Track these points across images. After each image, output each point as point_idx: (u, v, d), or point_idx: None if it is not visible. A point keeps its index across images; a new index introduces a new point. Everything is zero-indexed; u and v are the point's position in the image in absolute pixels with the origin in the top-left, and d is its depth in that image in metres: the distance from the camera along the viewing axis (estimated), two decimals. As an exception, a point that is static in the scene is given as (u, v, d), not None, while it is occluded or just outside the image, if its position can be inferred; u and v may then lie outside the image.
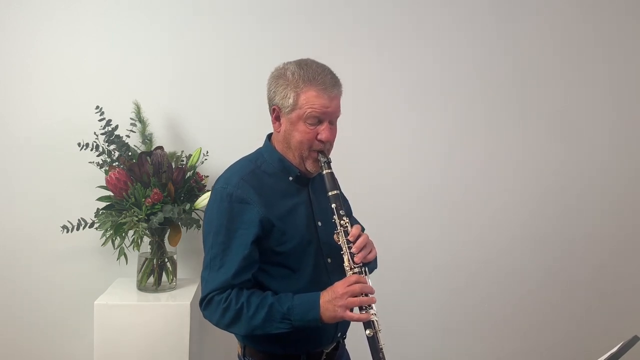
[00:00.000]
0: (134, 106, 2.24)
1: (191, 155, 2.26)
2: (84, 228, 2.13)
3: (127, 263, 2.15)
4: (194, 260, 2.42)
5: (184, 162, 2.25)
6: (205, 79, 2.38)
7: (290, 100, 1.45)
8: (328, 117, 1.46)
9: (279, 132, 1.52)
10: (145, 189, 2.08)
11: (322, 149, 1.48)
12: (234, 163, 1.61)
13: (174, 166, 2.19)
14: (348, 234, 1.45)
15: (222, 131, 2.39)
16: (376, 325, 1.41)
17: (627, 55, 2.67)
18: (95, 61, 2.31)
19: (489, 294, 2.65)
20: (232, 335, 1.56)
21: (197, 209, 2.19)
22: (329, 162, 1.49)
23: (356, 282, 1.40)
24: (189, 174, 2.23)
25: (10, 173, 2.29)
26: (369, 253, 1.47)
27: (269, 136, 1.61)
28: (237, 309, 1.40)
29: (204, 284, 1.47)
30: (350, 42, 2.46)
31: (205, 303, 1.45)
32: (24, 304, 2.34)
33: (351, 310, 1.39)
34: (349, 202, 1.75)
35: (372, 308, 1.41)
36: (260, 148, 1.62)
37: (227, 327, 1.45)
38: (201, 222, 2.23)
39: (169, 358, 2.07)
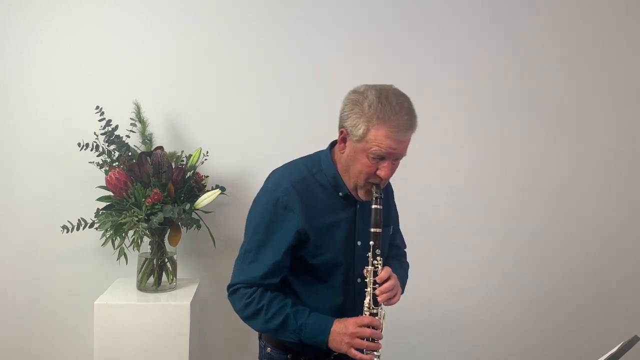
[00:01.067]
0: (134, 106, 2.24)
1: (191, 155, 2.26)
2: (84, 228, 2.13)
3: (127, 263, 2.14)
4: (194, 260, 2.42)
5: (184, 162, 2.25)
6: (205, 79, 2.39)
7: (360, 132, 1.42)
8: (392, 157, 1.45)
9: (342, 153, 1.51)
10: (145, 189, 2.08)
11: (378, 183, 1.48)
12: (290, 162, 1.62)
13: (174, 166, 2.19)
14: (377, 275, 1.48)
15: (222, 131, 2.40)
16: None
17: (629, 55, 2.67)
18: (95, 61, 2.31)
19: (487, 293, 2.65)
20: (232, 336, 1.57)
21: (197, 209, 2.19)
22: (380, 198, 1.48)
23: (368, 325, 1.45)
24: (189, 174, 2.23)
25: (10, 173, 2.29)
26: (393, 298, 1.50)
27: (332, 144, 1.60)
28: (257, 309, 1.48)
29: (235, 271, 1.55)
30: (351, 42, 2.46)
31: (232, 291, 1.54)
32: (24, 303, 2.34)
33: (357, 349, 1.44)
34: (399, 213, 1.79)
35: (377, 351, 1.46)
36: (320, 152, 1.61)
37: (245, 320, 1.53)
38: (201, 222, 2.24)
39: (169, 358, 2.07)
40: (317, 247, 1.52)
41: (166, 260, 2.22)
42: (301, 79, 2.45)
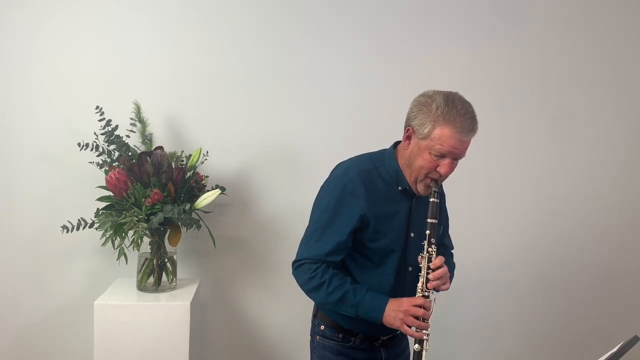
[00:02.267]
0: (134, 106, 2.24)
1: (191, 155, 2.26)
2: (84, 228, 2.13)
3: (127, 263, 2.14)
4: (194, 260, 2.42)
5: (184, 162, 2.25)
6: (205, 79, 2.39)
7: (426, 130, 1.55)
8: (453, 155, 1.57)
9: (406, 149, 1.63)
10: (145, 189, 2.08)
11: (436, 178, 1.60)
12: (357, 156, 1.75)
13: (174, 166, 2.19)
14: (431, 261, 1.60)
15: (222, 131, 2.40)
16: (425, 344, 1.57)
17: (631, 55, 2.67)
18: (95, 61, 2.31)
19: (488, 293, 2.65)
20: (232, 336, 1.57)
21: (197, 209, 2.19)
22: (438, 192, 1.61)
23: (421, 306, 1.57)
24: (189, 174, 2.23)
25: (10, 173, 2.29)
26: (443, 284, 1.62)
27: (395, 144, 1.72)
28: (320, 282, 1.61)
29: (301, 249, 1.68)
30: (351, 42, 2.46)
31: (297, 265, 1.66)
32: (24, 303, 2.34)
33: (409, 325, 1.56)
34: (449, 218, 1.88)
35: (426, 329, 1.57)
36: (383, 150, 1.73)
37: (308, 292, 1.67)
38: (201, 222, 2.24)
39: (169, 358, 2.07)
40: (376, 232, 1.64)
41: (166, 260, 2.22)
42: (301, 79, 2.45)
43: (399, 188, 1.67)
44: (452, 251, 1.92)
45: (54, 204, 2.29)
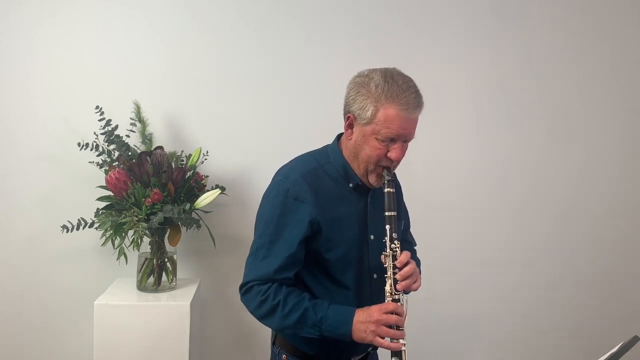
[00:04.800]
0: (134, 106, 2.24)
1: (191, 155, 2.26)
2: (84, 228, 2.13)
3: (127, 263, 2.14)
4: (194, 260, 2.42)
5: (184, 162, 2.25)
6: (205, 79, 2.38)
7: (369, 113, 1.40)
8: (402, 137, 1.42)
9: (349, 139, 1.48)
10: (145, 189, 2.08)
11: (388, 166, 1.46)
12: (299, 156, 1.59)
13: (174, 166, 2.19)
14: (396, 259, 1.43)
15: (222, 131, 2.40)
16: (404, 355, 1.41)
17: (632, 55, 2.67)
18: (95, 61, 2.31)
19: (488, 294, 2.65)
20: (232, 336, 1.56)
21: (197, 209, 2.19)
22: (392, 181, 1.46)
23: (392, 312, 1.40)
24: (189, 173, 2.23)
25: (10, 173, 2.29)
26: (414, 283, 1.46)
27: (339, 137, 1.56)
28: (273, 305, 1.42)
29: (247, 270, 1.49)
30: (350, 42, 2.46)
31: (245, 290, 1.47)
32: (24, 303, 2.34)
33: (382, 337, 1.40)
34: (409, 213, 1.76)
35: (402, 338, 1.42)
36: (327, 145, 1.58)
37: (261, 319, 1.47)
38: (201, 222, 2.24)
39: (169, 358, 2.06)
40: (329, 240, 1.47)
41: (166, 260, 2.21)
42: (301, 78, 2.45)
43: (350, 185, 1.51)
44: (414, 247, 1.79)
45: (54, 203, 2.29)
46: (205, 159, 2.31)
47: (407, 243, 1.76)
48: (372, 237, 1.52)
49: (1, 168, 2.29)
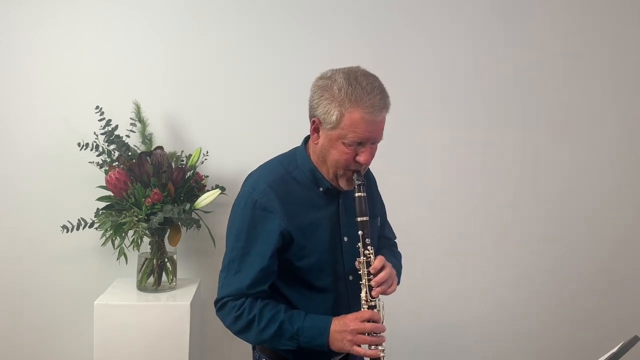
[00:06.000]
0: (134, 106, 2.24)
1: (191, 155, 2.26)
2: (84, 228, 2.13)
3: (127, 263, 2.14)
4: (194, 260, 2.42)
5: (184, 162, 2.25)
6: (205, 79, 2.38)
7: (333, 118, 1.36)
8: (370, 140, 1.39)
9: (316, 144, 1.44)
10: (145, 189, 2.08)
11: (358, 169, 1.42)
12: (266, 163, 1.56)
13: (173, 166, 2.19)
14: (370, 265, 1.42)
15: (222, 131, 2.40)
16: None
17: (631, 55, 2.66)
18: (95, 61, 2.31)
19: (487, 294, 2.65)
20: (232, 336, 1.55)
21: (197, 209, 2.19)
22: (363, 184, 1.42)
23: (369, 320, 1.39)
24: (188, 174, 2.23)
25: (10, 173, 2.29)
26: (389, 287, 1.44)
27: (306, 139, 1.53)
28: (248, 320, 1.41)
29: (220, 285, 1.47)
30: (350, 42, 2.46)
31: (220, 306, 1.46)
32: (24, 303, 2.34)
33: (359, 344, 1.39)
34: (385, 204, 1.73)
35: (381, 344, 1.41)
36: (295, 148, 1.56)
37: (237, 334, 1.46)
38: (201, 222, 2.24)
39: (169, 358, 2.07)
40: (302, 248, 1.45)
41: (166, 260, 2.21)
42: (301, 78, 2.42)
43: (320, 189, 1.48)
44: (395, 240, 1.77)
45: (54, 203, 2.29)
46: (205, 159, 2.31)
47: (386, 238, 1.74)
48: (345, 239, 1.50)
49: (1, 168, 2.29)
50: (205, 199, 2.16)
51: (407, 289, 2.57)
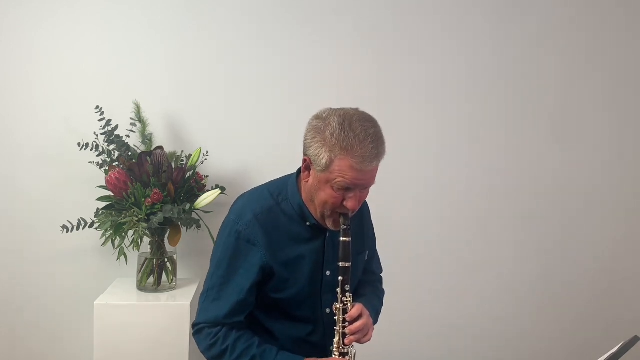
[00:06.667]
0: (134, 106, 2.24)
1: (191, 155, 2.26)
2: (84, 228, 2.13)
3: (127, 263, 2.14)
4: (194, 260, 2.42)
5: (184, 162, 2.25)
6: (205, 79, 2.38)
7: (323, 162, 1.33)
8: (359, 187, 1.36)
9: (306, 182, 1.43)
10: (145, 189, 2.08)
11: (345, 213, 1.40)
12: (255, 189, 1.56)
13: (173, 166, 2.19)
14: (347, 312, 1.41)
15: (222, 131, 2.40)
16: None
17: (631, 55, 2.66)
18: (95, 61, 2.31)
19: (487, 294, 2.65)
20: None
21: (197, 209, 2.19)
22: (348, 229, 1.39)
23: None
24: (189, 174, 2.23)
25: (10, 173, 2.29)
26: (364, 337, 1.43)
27: (300, 171, 1.50)
28: (222, 349, 1.43)
29: (199, 310, 1.50)
30: (350, 43, 2.46)
31: (196, 330, 1.48)
32: (24, 303, 2.34)
33: None
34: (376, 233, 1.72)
35: None
36: (287, 177, 1.54)
37: None
38: (201, 222, 2.24)
39: (169, 358, 2.07)
40: (283, 281, 1.46)
41: (166, 260, 2.22)
42: (301, 78, 2.45)
43: (307, 224, 1.47)
44: (381, 275, 1.76)
45: (54, 203, 2.29)
46: (205, 159, 2.31)
47: (371, 273, 1.73)
48: (328, 273, 1.50)
49: (1, 168, 2.29)
50: (205, 199, 2.16)
51: (407, 288, 2.59)
